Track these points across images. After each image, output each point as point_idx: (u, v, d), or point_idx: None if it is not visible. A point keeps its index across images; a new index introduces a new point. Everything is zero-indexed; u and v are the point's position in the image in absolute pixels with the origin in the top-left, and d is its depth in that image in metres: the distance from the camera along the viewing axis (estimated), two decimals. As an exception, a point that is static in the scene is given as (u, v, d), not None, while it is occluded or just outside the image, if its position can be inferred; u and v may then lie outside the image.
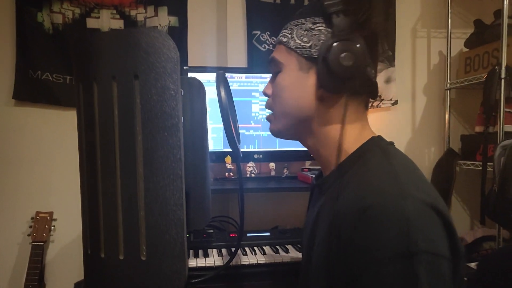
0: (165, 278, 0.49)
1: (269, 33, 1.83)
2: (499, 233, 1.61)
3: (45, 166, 1.73)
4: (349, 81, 0.66)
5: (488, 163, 1.62)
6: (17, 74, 1.69)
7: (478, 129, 1.81)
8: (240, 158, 0.74)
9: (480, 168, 1.67)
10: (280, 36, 0.74)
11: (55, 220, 1.69)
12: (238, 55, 1.82)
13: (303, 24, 0.70)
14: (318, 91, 0.70)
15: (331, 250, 0.61)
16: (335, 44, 0.64)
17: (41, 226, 1.66)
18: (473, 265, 1.80)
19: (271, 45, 1.83)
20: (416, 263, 0.52)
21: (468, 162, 1.81)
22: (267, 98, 0.80)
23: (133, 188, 0.49)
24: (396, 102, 1.94)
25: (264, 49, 1.82)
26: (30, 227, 1.65)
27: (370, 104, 1.83)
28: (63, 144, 1.74)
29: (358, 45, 0.64)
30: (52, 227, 1.68)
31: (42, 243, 1.64)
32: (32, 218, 1.67)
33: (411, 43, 2.00)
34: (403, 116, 2.00)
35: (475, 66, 1.83)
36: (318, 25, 0.69)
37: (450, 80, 1.96)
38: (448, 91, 1.96)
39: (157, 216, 0.49)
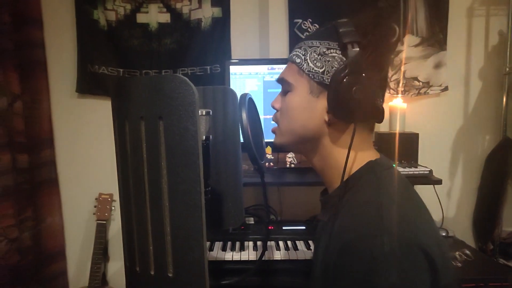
0: (189, 293, 0.57)
1: (310, 20, 1.80)
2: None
3: (105, 152, 1.91)
4: (358, 111, 0.67)
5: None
6: (79, 69, 1.85)
7: (538, 118, 1.68)
8: (264, 173, 0.79)
9: (536, 161, 1.57)
10: (293, 56, 0.75)
11: (114, 201, 1.89)
12: (280, 44, 1.82)
13: (317, 47, 0.71)
14: (326, 115, 0.71)
15: (327, 268, 0.66)
16: (347, 77, 0.65)
17: (104, 206, 1.86)
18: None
19: (313, 33, 1.81)
20: None
21: (524, 153, 1.70)
22: (275, 111, 0.82)
23: (160, 217, 0.57)
24: (446, 88, 1.84)
25: (306, 37, 1.80)
26: (95, 206, 1.86)
27: (417, 92, 1.77)
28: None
29: (369, 79, 0.65)
30: (113, 207, 1.88)
31: (105, 221, 1.84)
32: (96, 199, 1.88)
33: (467, 23, 1.86)
34: (454, 102, 1.89)
35: (539, 48, 1.68)
36: (332, 50, 0.69)
37: (510, 63, 1.81)
38: (507, 75, 1.82)
39: (181, 240, 0.57)
